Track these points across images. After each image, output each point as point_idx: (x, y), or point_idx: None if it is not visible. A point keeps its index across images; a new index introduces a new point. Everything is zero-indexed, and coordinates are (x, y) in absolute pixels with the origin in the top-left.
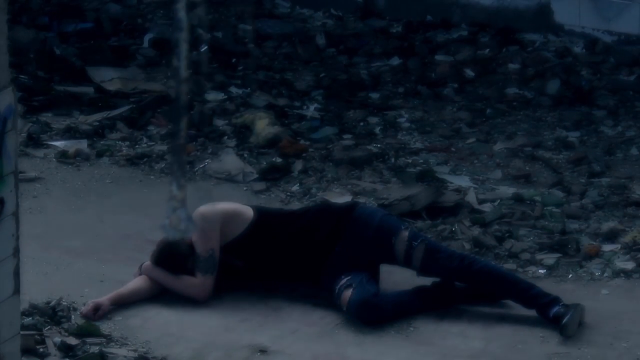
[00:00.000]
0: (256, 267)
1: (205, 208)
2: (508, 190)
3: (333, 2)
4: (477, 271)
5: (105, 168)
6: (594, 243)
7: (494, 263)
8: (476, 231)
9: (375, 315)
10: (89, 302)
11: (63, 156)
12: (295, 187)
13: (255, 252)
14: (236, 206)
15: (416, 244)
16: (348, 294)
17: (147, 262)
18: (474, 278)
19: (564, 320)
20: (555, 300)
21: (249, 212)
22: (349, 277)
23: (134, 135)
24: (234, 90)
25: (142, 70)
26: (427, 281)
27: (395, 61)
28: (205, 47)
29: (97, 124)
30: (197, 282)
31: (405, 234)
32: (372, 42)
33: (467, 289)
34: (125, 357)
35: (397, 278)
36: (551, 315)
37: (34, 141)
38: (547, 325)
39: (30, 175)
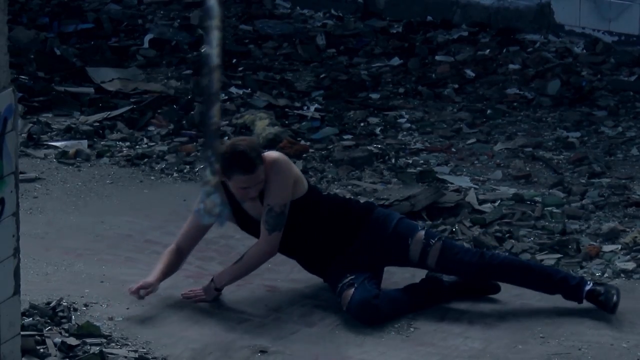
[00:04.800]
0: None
1: (286, 158)
2: (508, 191)
3: (333, 3)
4: (499, 265)
5: (105, 168)
6: (595, 243)
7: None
8: (476, 232)
9: (374, 316)
10: (139, 282)
11: (63, 156)
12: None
13: (289, 224)
14: (300, 173)
15: (433, 241)
16: (349, 293)
17: (216, 273)
18: (497, 272)
19: (610, 294)
20: (584, 280)
21: (305, 184)
22: (352, 277)
23: (134, 135)
24: (234, 90)
25: (142, 70)
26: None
27: (396, 61)
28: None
29: (98, 124)
30: (267, 245)
31: (422, 233)
32: (372, 42)
33: (457, 284)
34: (125, 357)
35: (398, 279)
36: (585, 294)
37: (34, 141)
38: (547, 326)
39: (31, 175)
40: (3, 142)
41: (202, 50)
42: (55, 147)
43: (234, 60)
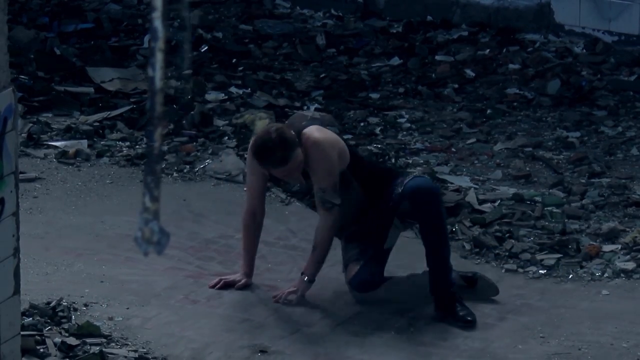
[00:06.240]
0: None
1: (327, 137)
2: (508, 191)
3: (333, 3)
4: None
5: (105, 168)
6: (595, 243)
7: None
8: (476, 231)
9: (371, 295)
10: (228, 278)
11: (63, 156)
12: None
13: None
14: (342, 143)
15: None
16: (354, 269)
17: (305, 268)
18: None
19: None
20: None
21: (348, 155)
22: (359, 251)
23: (134, 135)
24: (234, 90)
25: (142, 70)
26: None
27: (396, 61)
28: (205, 47)
29: (97, 124)
30: (331, 221)
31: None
32: (372, 42)
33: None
34: (125, 357)
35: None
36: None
37: (34, 141)
38: (547, 325)
39: (31, 175)
40: (3, 142)
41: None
42: (55, 147)
43: (234, 60)
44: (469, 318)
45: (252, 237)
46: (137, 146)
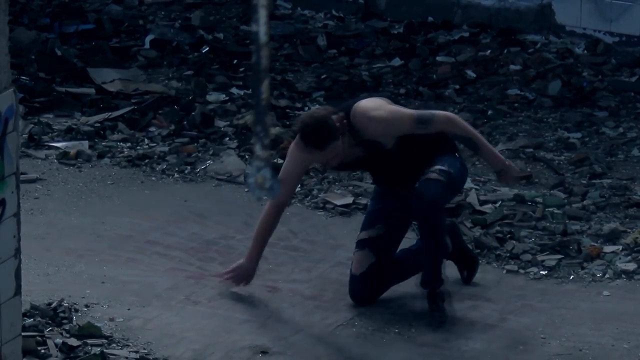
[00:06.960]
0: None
1: (373, 102)
2: (509, 192)
3: (334, 3)
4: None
5: (106, 169)
6: (596, 244)
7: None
8: (477, 232)
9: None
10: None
11: (64, 157)
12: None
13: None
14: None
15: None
16: (360, 261)
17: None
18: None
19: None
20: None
21: (406, 121)
22: (371, 236)
23: (135, 136)
24: (235, 91)
25: (143, 71)
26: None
27: (397, 62)
28: (207, 48)
29: (98, 125)
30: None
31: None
32: (373, 43)
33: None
34: (126, 358)
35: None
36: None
37: (35, 142)
38: (548, 326)
39: (32, 176)
40: (4, 143)
41: (203, 50)
42: (56, 148)
43: (235, 61)
44: (441, 319)
45: (269, 228)
46: (138, 147)
